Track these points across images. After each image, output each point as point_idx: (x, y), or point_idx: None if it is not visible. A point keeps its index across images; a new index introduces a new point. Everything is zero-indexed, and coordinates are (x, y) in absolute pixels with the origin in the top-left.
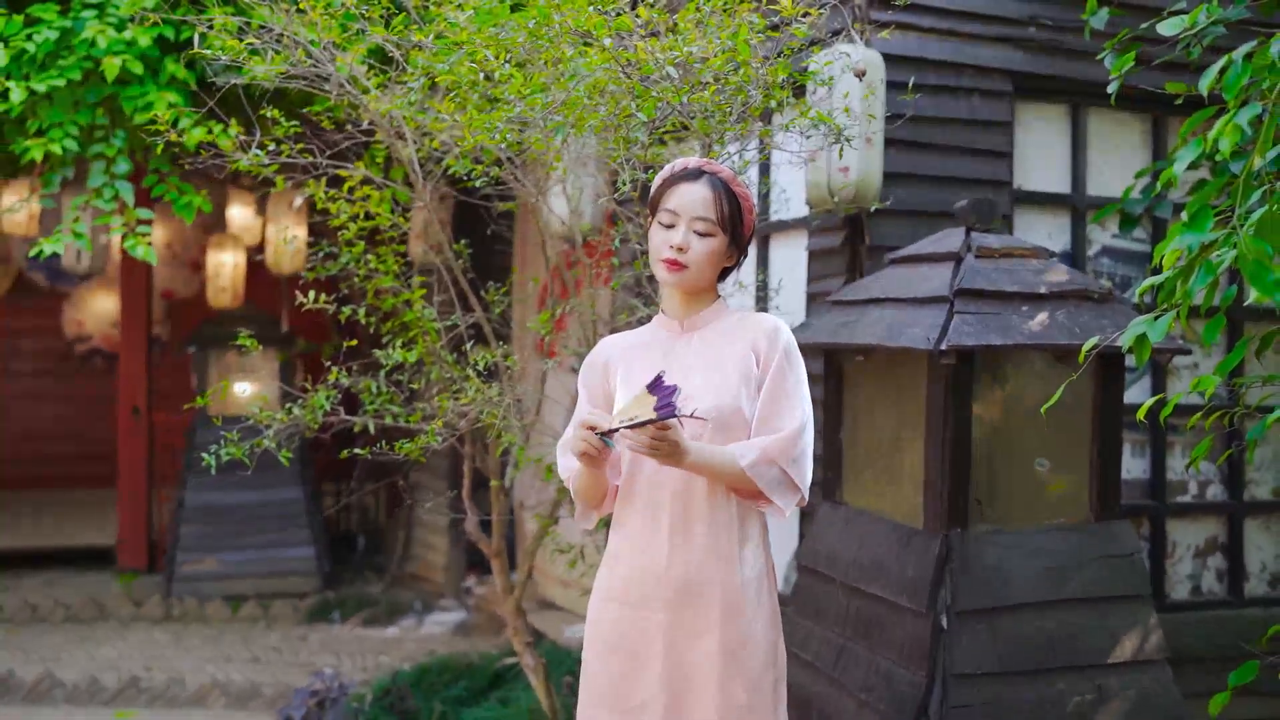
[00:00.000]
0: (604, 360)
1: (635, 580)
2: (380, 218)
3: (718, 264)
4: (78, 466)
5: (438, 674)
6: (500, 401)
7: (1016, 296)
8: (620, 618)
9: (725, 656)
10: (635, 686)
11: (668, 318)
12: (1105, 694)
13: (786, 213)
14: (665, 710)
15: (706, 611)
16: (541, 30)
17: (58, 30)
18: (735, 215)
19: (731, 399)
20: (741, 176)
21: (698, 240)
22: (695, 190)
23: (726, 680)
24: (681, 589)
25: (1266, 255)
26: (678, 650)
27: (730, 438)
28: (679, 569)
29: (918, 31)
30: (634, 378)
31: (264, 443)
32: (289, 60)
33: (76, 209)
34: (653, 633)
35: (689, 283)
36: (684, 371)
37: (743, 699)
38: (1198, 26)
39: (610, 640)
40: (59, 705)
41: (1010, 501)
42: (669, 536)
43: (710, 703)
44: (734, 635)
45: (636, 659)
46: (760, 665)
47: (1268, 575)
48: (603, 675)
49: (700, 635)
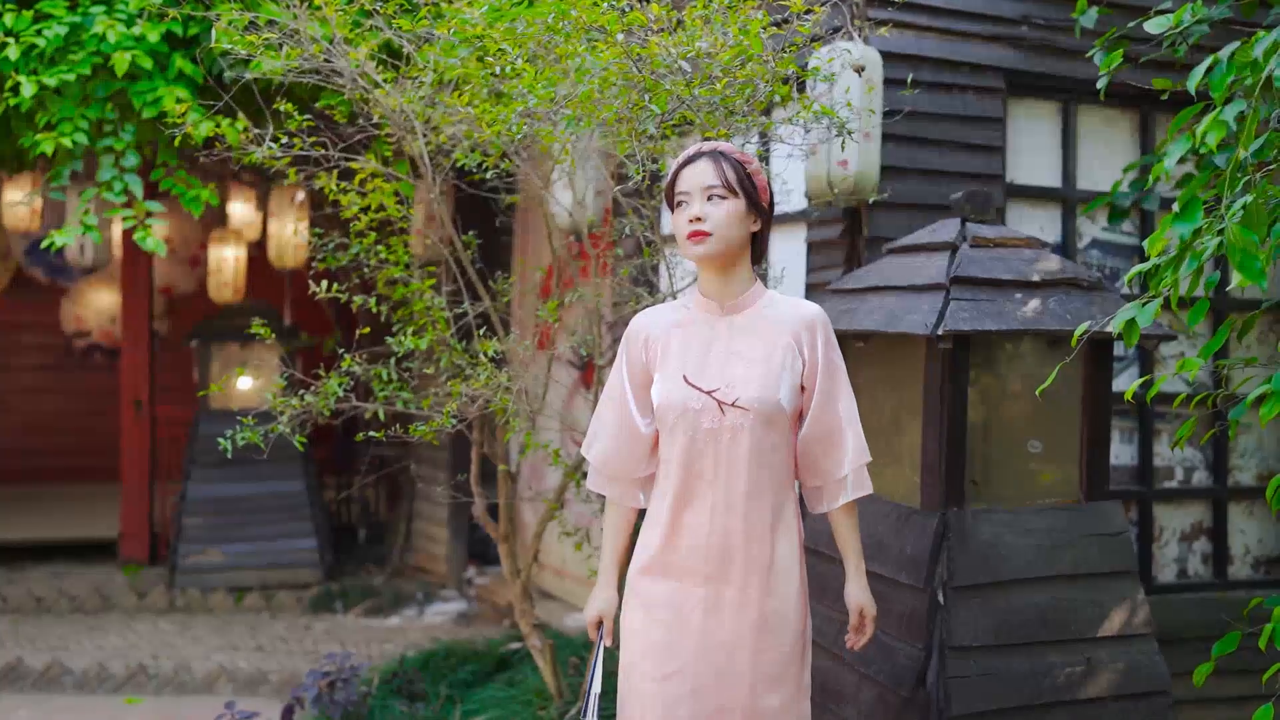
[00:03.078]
0: (644, 335)
1: (678, 555)
2: (390, 209)
3: (740, 226)
4: (81, 460)
5: (444, 658)
6: (511, 386)
7: (1010, 284)
8: (660, 588)
9: (761, 629)
10: (673, 653)
11: (706, 299)
12: (1094, 665)
13: (787, 205)
14: (698, 678)
15: (744, 586)
16: (557, 25)
17: (67, 25)
18: (744, 179)
19: (774, 392)
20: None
21: (713, 206)
22: (698, 167)
23: (760, 651)
24: (721, 564)
25: (1253, 243)
26: (716, 622)
27: (772, 429)
28: (718, 545)
29: (914, 30)
30: (670, 360)
31: (278, 428)
32: (301, 55)
33: (87, 201)
34: (692, 604)
35: (717, 249)
36: (725, 358)
37: (775, 670)
38: (1183, 25)
39: (650, 611)
40: (68, 692)
41: (1004, 482)
42: (711, 516)
43: (745, 671)
44: (771, 608)
45: (673, 628)
46: (792, 636)
47: (1251, 558)
48: (644, 644)
49: (739, 609)
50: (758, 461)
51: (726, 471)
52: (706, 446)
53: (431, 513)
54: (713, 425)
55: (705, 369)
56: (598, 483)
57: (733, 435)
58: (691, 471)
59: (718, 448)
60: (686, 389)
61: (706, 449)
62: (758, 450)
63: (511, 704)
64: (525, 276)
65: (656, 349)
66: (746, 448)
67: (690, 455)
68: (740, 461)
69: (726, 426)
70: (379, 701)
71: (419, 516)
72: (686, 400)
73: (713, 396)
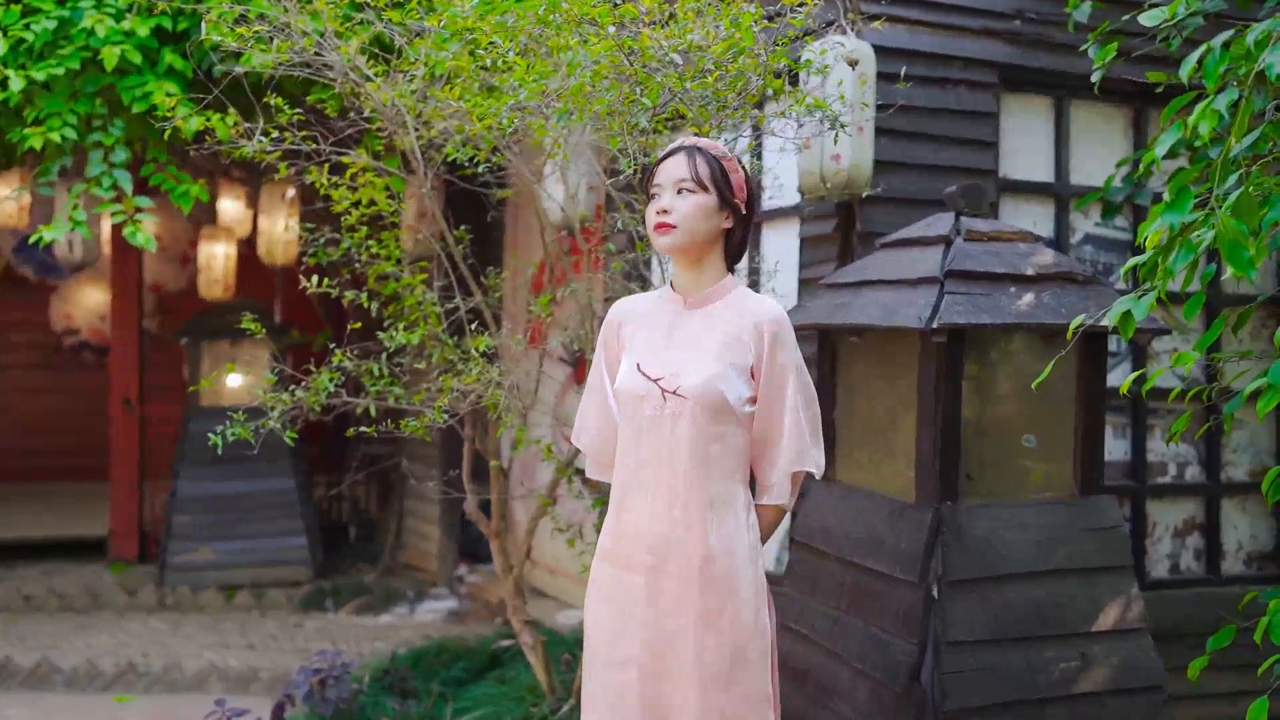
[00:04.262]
0: (619, 320)
1: (622, 542)
2: (381, 204)
3: (708, 221)
4: (70, 459)
5: (435, 656)
6: (503, 381)
7: (1005, 278)
8: (610, 576)
9: (700, 625)
10: (621, 641)
11: (675, 291)
12: (1090, 661)
13: (780, 200)
14: (643, 670)
15: (684, 581)
16: (548, 17)
17: (56, 20)
18: (718, 174)
19: (716, 383)
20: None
21: (681, 199)
22: (673, 161)
23: (703, 649)
24: (660, 556)
25: (1243, 235)
26: (657, 613)
27: (715, 420)
28: (659, 536)
29: (907, 24)
30: (637, 345)
31: (269, 424)
32: (292, 48)
33: (76, 197)
34: (635, 593)
35: (681, 242)
36: (678, 348)
37: (721, 668)
38: (1177, 18)
39: (603, 595)
40: (58, 690)
41: (999, 476)
42: (652, 504)
43: (690, 668)
44: (709, 605)
45: (623, 616)
46: (738, 635)
47: (1244, 554)
48: (596, 628)
49: (677, 601)
50: (698, 451)
51: (668, 460)
52: (649, 434)
53: (423, 510)
54: (655, 413)
55: (658, 358)
56: (595, 471)
57: (673, 424)
58: (636, 459)
59: (659, 435)
60: (636, 376)
61: (649, 436)
62: (699, 440)
63: (503, 701)
64: (517, 271)
65: (626, 337)
66: (687, 437)
67: (634, 442)
68: (681, 450)
69: (668, 415)
70: (370, 699)
71: (410, 514)
72: (634, 387)
73: (658, 384)
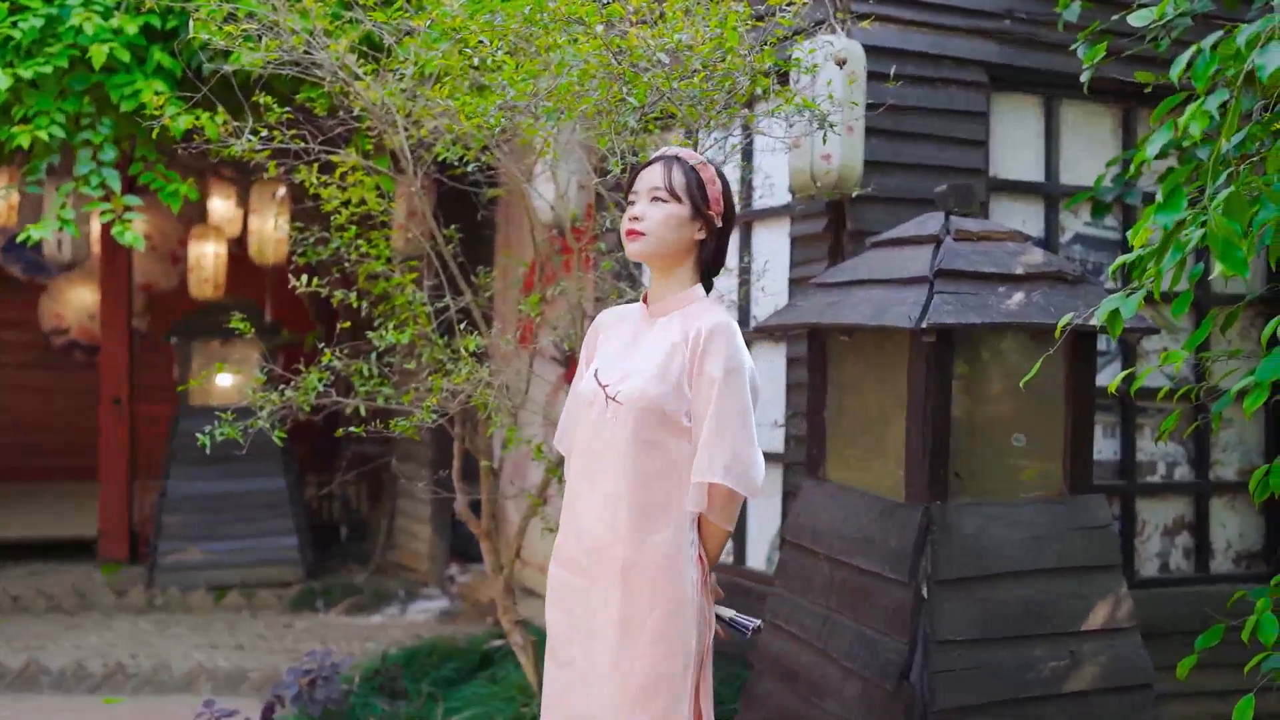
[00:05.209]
0: (597, 327)
1: (569, 544)
2: (371, 203)
3: (678, 230)
4: (60, 458)
5: (426, 656)
6: (492, 381)
7: (994, 277)
8: (558, 575)
9: (621, 633)
10: (567, 642)
11: (645, 302)
12: (1079, 659)
13: (770, 199)
14: (584, 672)
15: (609, 585)
16: (536, 16)
17: (44, 17)
18: (692, 185)
19: (652, 389)
20: (726, 165)
21: (653, 208)
22: (650, 170)
23: (621, 659)
24: (592, 558)
25: (1235, 233)
26: (587, 615)
27: (652, 427)
28: (594, 539)
29: (897, 23)
30: (603, 352)
31: (258, 423)
32: (280, 46)
33: (64, 195)
34: (574, 596)
35: (649, 249)
36: (631, 356)
37: (642, 682)
38: (1166, 18)
39: (553, 596)
40: (45, 692)
41: (988, 475)
42: (590, 507)
43: (608, 677)
44: (630, 614)
45: (569, 618)
46: (660, 649)
47: (1233, 553)
48: (549, 627)
49: (603, 607)
50: (633, 458)
51: (608, 465)
52: (593, 439)
53: (414, 510)
54: (598, 418)
55: (614, 365)
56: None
57: (613, 429)
58: (583, 462)
59: (600, 440)
60: (590, 380)
61: (592, 441)
62: (635, 446)
63: (493, 701)
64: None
65: (600, 344)
66: (624, 442)
67: (583, 445)
68: (617, 456)
69: (608, 420)
70: (360, 699)
71: (401, 514)
72: (585, 391)
73: (604, 390)
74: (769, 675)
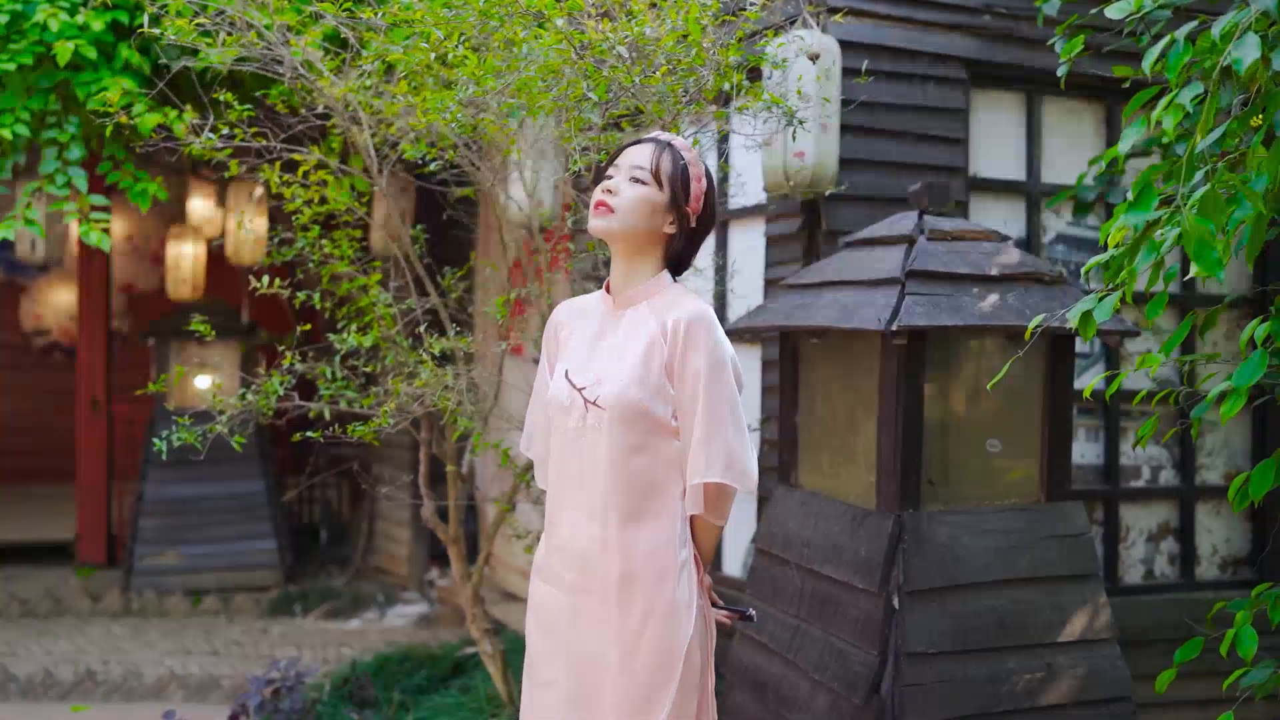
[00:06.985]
0: (555, 326)
1: (552, 558)
2: (335, 203)
3: (649, 216)
4: (37, 461)
5: (398, 663)
6: (454, 386)
7: (968, 278)
8: (540, 592)
9: (618, 647)
10: (548, 661)
11: (608, 292)
12: (1054, 671)
13: (744, 199)
14: (567, 692)
15: (603, 599)
16: (493, 10)
17: (8, 14)
18: (677, 175)
19: (631, 390)
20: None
21: (629, 186)
22: (638, 148)
23: (620, 672)
24: (583, 572)
25: (1209, 233)
26: (578, 634)
27: (635, 430)
28: (581, 553)
29: (873, 18)
30: (569, 350)
31: (216, 428)
32: (242, 43)
33: (29, 195)
34: (560, 612)
35: (615, 228)
36: (603, 354)
37: (639, 694)
38: (1144, 10)
39: (534, 613)
40: (12, 700)
41: (962, 482)
42: (575, 518)
43: (607, 692)
44: (627, 626)
45: (551, 635)
46: (657, 659)
47: (1218, 559)
48: (530, 645)
49: (598, 622)
50: (619, 464)
51: (591, 474)
52: (571, 447)
53: (394, 513)
54: (577, 424)
55: (585, 365)
56: (543, 480)
57: (594, 436)
58: (562, 472)
59: (581, 448)
60: (563, 384)
61: (572, 449)
62: (618, 452)
63: (462, 711)
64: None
65: (563, 341)
66: (606, 449)
67: (561, 454)
68: (601, 463)
69: (589, 426)
70: (328, 709)
71: (381, 517)
72: (559, 397)
73: (581, 394)
74: (739, 686)
